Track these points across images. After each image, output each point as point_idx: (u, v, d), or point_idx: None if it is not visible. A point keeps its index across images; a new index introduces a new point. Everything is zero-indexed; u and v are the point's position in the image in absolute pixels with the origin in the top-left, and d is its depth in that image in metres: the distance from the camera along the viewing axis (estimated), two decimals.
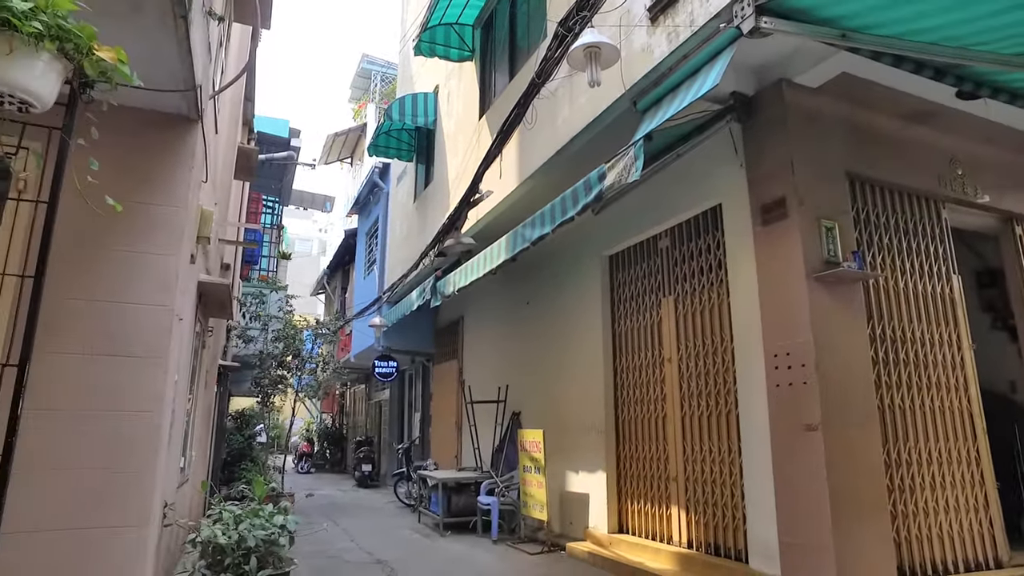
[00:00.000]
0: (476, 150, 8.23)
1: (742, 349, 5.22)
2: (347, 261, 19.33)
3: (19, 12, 1.80)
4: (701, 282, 5.93)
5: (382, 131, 11.75)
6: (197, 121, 3.52)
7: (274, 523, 4.49)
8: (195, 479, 7.03)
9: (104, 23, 2.24)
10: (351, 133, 20.58)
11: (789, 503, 4.51)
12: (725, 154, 5.35)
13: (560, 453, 7.66)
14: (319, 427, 25.20)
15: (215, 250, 6.66)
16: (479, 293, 10.10)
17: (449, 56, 9.59)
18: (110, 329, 3.09)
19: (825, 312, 4.53)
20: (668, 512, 6.07)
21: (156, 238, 3.27)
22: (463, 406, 10.43)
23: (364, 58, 21.86)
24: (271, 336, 12.37)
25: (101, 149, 2.50)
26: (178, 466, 5.19)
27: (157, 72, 2.96)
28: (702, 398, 5.77)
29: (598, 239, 7.39)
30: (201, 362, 6.66)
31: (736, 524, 5.24)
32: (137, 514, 3.02)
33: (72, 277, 3.04)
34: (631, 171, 4.41)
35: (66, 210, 2.47)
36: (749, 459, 5.06)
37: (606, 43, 4.29)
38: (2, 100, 1.95)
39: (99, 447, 2.98)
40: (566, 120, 6.20)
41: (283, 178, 15.55)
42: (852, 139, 5.13)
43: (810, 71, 4.83)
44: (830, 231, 4.72)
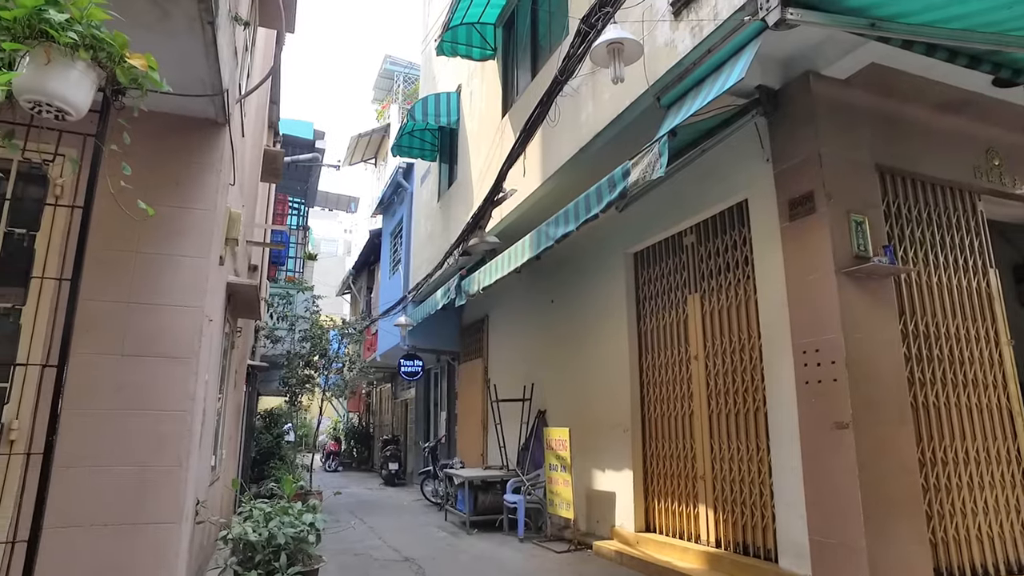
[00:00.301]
0: (499, 149, 8.23)
1: (770, 346, 5.15)
2: (372, 261, 19.49)
3: (56, 23, 1.84)
4: (728, 278, 5.86)
5: (405, 131, 11.81)
6: (224, 125, 3.58)
7: (303, 521, 4.55)
8: (226, 477, 7.15)
9: (134, 31, 2.29)
10: (375, 134, 20.73)
11: (820, 502, 4.44)
12: (751, 149, 5.28)
13: (586, 451, 7.64)
14: (346, 426, 25.47)
15: (243, 251, 6.76)
16: (504, 291, 10.11)
17: (471, 55, 9.61)
18: (143, 330, 3.15)
19: (855, 308, 4.44)
20: (696, 511, 6.02)
21: (186, 241, 3.34)
22: (489, 404, 10.45)
23: (387, 59, 22.00)
24: (298, 336, 12.53)
25: (132, 154, 2.55)
26: (209, 464, 5.28)
27: (185, 77, 3.02)
28: (729, 396, 5.70)
29: (623, 236, 7.34)
30: (230, 362, 6.77)
31: (765, 523, 5.17)
32: (171, 511, 3.08)
33: (106, 280, 3.11)
34: (656, 167, 4.37)
35: (100, 214, 2.54)
36: (778, 457, 4.99)
37: (629, 39, 4.26)
38: (40, 109, 2.00)
39: (134, 445, 3.05)
40: (589, 117, 6.17)
41: (308, 180, 15.76)
42: (882, 131, 5.02)
43: (838, 62, 4.74)
44: (860, 225, 4.62)
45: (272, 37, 7.74)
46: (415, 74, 20.36)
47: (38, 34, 1.86)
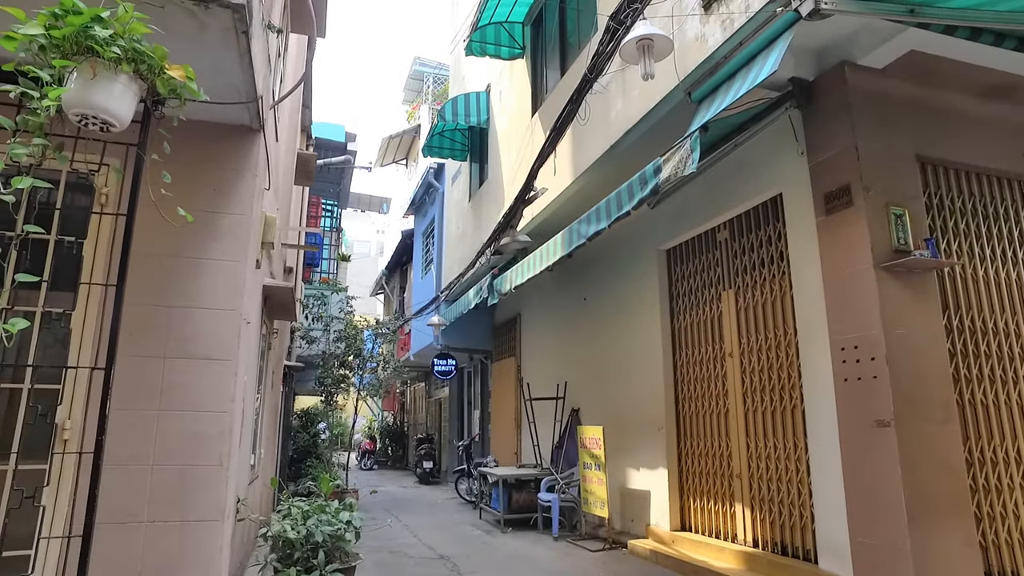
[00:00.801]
0: (529, 147, 8.24)
1: (807, 342, 5.05)
2: (405, 261, 19.68)
3: (101, 39, 1.91)
4: (762, 274, 5.77)
5: (436, 132, 11.89)
6: (259, 131, 3.65)
7: (340, 519, 4.63)
8: (264, 476, 7.31)
9: (172, 43, 2.35)
10: (405, 135, 20.92)
11: (861, 502, 4.34)
12: (784, 142, 5.19)
13: (620, 450, 7.61)
14: (381, 425, 25.76)
15: (278, 254, 6.90)
16: (536, 290, 10.11)
17: (500, 54, 9.62)
18: (183, 333, 3.24)
19: (895, 303, 4.33)
20: (732, 510, 5.94)
21: (224, 245, 3.42)
22: (522, 403, 10.48)
23: (416, 60, 22.19)
24: (333, 336, 12.71)
25: (172, 162, 2.63)
26: (248, 463, 5.41)
27: (221, 86, 3.09)
28: (765, 393, 5.62)
29: (655, 233, 7.29)
30: (267, 363, 6.92)
31: (804, 523, 5.08)
32: (214, 508, 3.17)
33: (149, 284, 3.21)
34: (687, 163, 4.32)
35: (142, 221, 2.62)
36: (816, 456, 4.90)
37: (659, 35, 4.21)
38: (87, 122, 2.07)
39: (177, 445, 3.14)
40: (619, 114, 6.13)
41: (341, 181, 15.98)
42: (923, 120, 4.88)
43: (875, 51, 4.62)
44: (899, 218, 4.50)
45: (303, 42, 7.87)
46: (444, 74, 20.49)
47: (84, 50, 1.94)
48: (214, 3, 2.41)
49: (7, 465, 2.70)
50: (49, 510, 2.70)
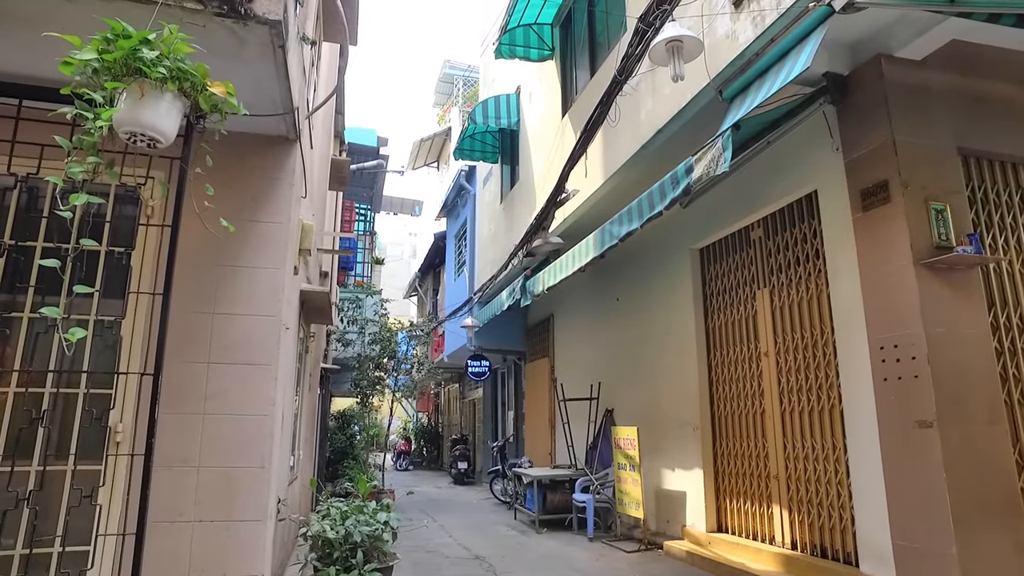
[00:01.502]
0: (560, 148, 8.25)
1: (844, 341, 4.97)
2: (437, 263, 19.84)
3: (148, 60, 2.01)
4: (798, 272, 5.69)
5: (467, 135, 11.98)
6: (295, 140, 3.75)
7: (377, 519, 4.70)
8: (303, 476, 7.47)
9: (212, 60, 2.44)
10: (436, 138, 21.09)
11: (904, 504, 4.25)
12: (819, 138, 5.11)
13: (655, 450, 7.57)
14: (416, 426, 26.01)
15: (314, 259, 7.04)
16: (568, 291, 10.11)
17: (529, 56, 9.65)
18: (227, 339, 3.35)
19: (937, 301, 4.23)
20: (769, 511, 5.87)
21: (263, 253, 3.52)
22: (556, 403, 10.49)
23: (446, 64, 22.35)
24: (368, 339, 12.90)
25: (212, 173, 2.73)
26: (288, 464, 5.54)
27: (259, 98, 3.18)
28: (802, 393, 5.53)
29: (687, 232, 7.23)
30: (305, 366, 7.07)
31: (844, 525, 4.99)
32: (257, 508, 3.27)
33: (193, 292, 3.32)
34: (719, 162, 4.30)
35: (186, 231, 2.72)
36: (856, 457, 4.81)
37: (689, 36, 4.19)
38: (135, 139, 2.18)
39: (221, 447, 3.25)
40: (650, 114, 6.11)
41: (373, 186, 16.18)
42: (964, 112, 4.75)
43: (913, 43, 4.51)
44: (941, 213, 4.39)
45: (336, 50, 8.02)
46: (474, 77, 20.60)
47: (133, 71, 2.04)
48: (252, 20, 2.49)
49: (67, 466, 2.84)
50: (105, 508, 2.83)
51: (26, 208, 3.12)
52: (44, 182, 2.37)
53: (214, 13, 2.47)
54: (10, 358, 3.02)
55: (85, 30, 2.15)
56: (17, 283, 3.00)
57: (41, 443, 2.83)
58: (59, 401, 2.94)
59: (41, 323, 2.11)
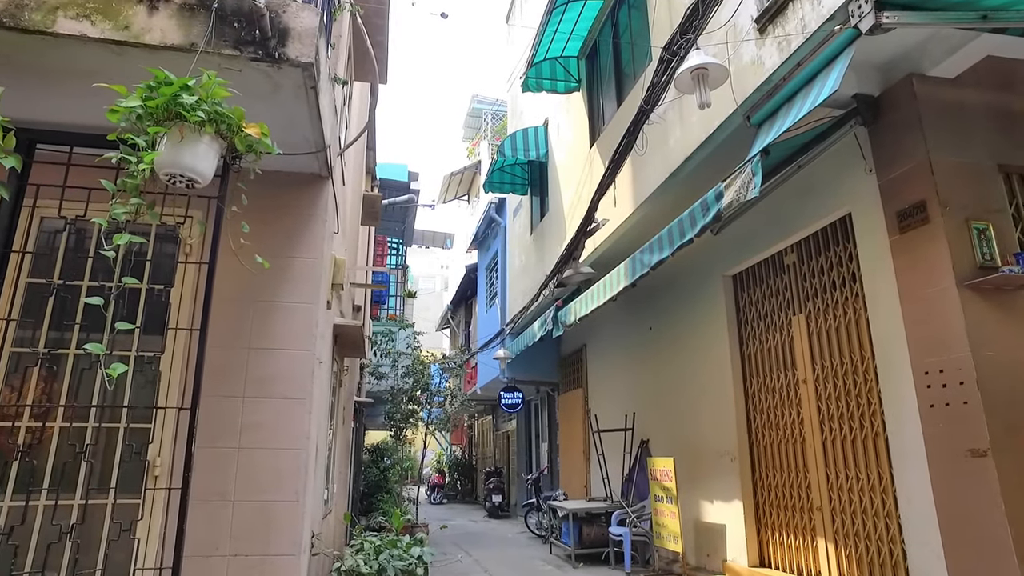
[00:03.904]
0: (589, 179, 8.29)
1: (886, 367, 4.81)
2: (469, 295, 19.96)
3: (188, 105, 2.10)
4: (834, 297, 5.56)
5: (496, 167, 12.13)
6: (327, 178, 3.85)
7: (411, 554, 4.68)
8: (337, 510, 7.46)
9: (248, 102, 2.54)
10: (466, 171, 21.42)
11: (960, 539, 4.04)
12: (851, 160, 5.03)
13: (692, 481, 7.38)
14: (449, 459, 25.88)
15: (347, 294, 7.14)
16: (600, 321, 10.04)
17: (556, 89, 9.79)
18: (261, 373, 3.41)
19: (984, 323, 4.08)
20: (814, 545, 5.64)
21: (297, 288, 3.59)
22: (590, 435, 10.34)
23: (474, 98, 22.80)
24: (401, 372, 12.96)
25: (247, 211, 2.81)
26: (322, 498, 5.55)
27: (292, 138, 3.29)
28: (843, 421, 5.35)
29: (719, 259, 7.15)
30: (338, 399, 7.12)
31: (895, 560, 4.77)
32: (292, 543, 3.27)
33: (229, 328, 3.40)
34: (750, 188, 4.26)
35: (222, 267, 2.80)
36: (904, 487, 4.61)
37: (714, 63, 4.21)
38: (174, 180, 2.26)
39: (257, 481, 3.28)
40: (678, 141, 6.11)
41: (405, 220, 16.45)
42: (1004, 128, 4.63)
43: (945, 61, 4.44)
44: (983, 233, 4.26)
45: (367, 88, 8.25)
46: (502, 110, 20.94)
47: (173, 116, 2.13)
48: (285, 63, 2.59)
49: (107, 499, 2.89)
50: (143, 542, 2.86)
51: (74, 249, 3.25)
52: (91, 223, 2.47)
53: (250, 58, 2.58)
54: (57, 393, 3.11)
55: (131, 79, 2.27)
56: (64, 321, 3.11)
57: (84, 477, 2.89)
58: (101, 436, 3.01)
59: (86, 359, 2.18)
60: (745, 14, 5.05)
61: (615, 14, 8.44)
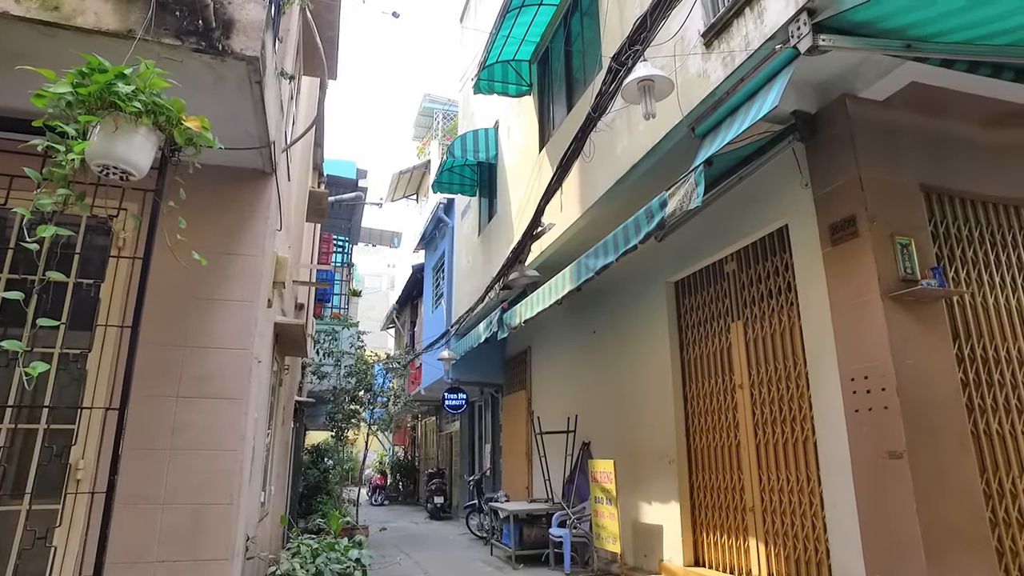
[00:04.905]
0: (537, 182, 8.35)
1: (816, 373, 5.03)
2: (415, 296, 19.79)
3: (123, 95, 2.02)
4: (771, 305, 5.77)
5: (445, 168, 12.08)
6: (271, 174, 3.76)
7: (349, 557, 4.61)
8: (274, 513, 7.28)
9: (189, 94, 2.45)
10: (415, 170, 21.24)
11: (877, 536, 4.27)
12: (789, 174, 5.24)
13: (632, 483, 7.52)
14: (392, 459, 25.59)
15: (289, 291, 6.98)
16: (546, 323, 10.13)
17: (507, 92, 9.82)
18: (197, 373, 3.30)
19: (904, 333, 4.32)
20: (746, 544, 5.84)
21: (236, 286, 3.49)
22: (533, 437, 10.41)
23: (426, 97, 22.64)
24: (344, 372, 12.75)
25: (186, 206, 2.71)
26: (259, 501, 5.40)
27: (235, 132, 3.20)
28: (776, 425, 5.57)
29: (663, 265, 7.31)
30: (278, 399, 6.95)
31: (820, 558, 4.99)
32: (224, 547, 3.18)
33: (163, 325, 3.27)
34: (692, 197, 4.38)
35: (158, 263, 2.69)
36: (830, 488, 4.83)
37: (660, 76, 4.31)
38: (107, 171, 2.17)
39: (189, 484, 3.17)
40: (625, 149, 6.23)
41: (352, 218, 16.19)
42: (926, 150, 4.92)
43: (876, 84, 4.67)
44: (906, 248, 4.51)
45: (315, 83, 8.08)
46: (454, 111, 20.87)
47: (108, 105, 2.04)
48: (230, 56, 2.52)
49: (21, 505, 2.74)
50: (60, 550, 2.72)
51: None
52: (12, 213, 2.34)
53: (192, 49, 2.49)
54: None
55: (64, 64, 2.16)
56: None
57: None
58: (17, 438, 2.85)
59: (3, 357, 2.05)
60: (693, 28, 5.19)
61: (568, 21, 8.54)
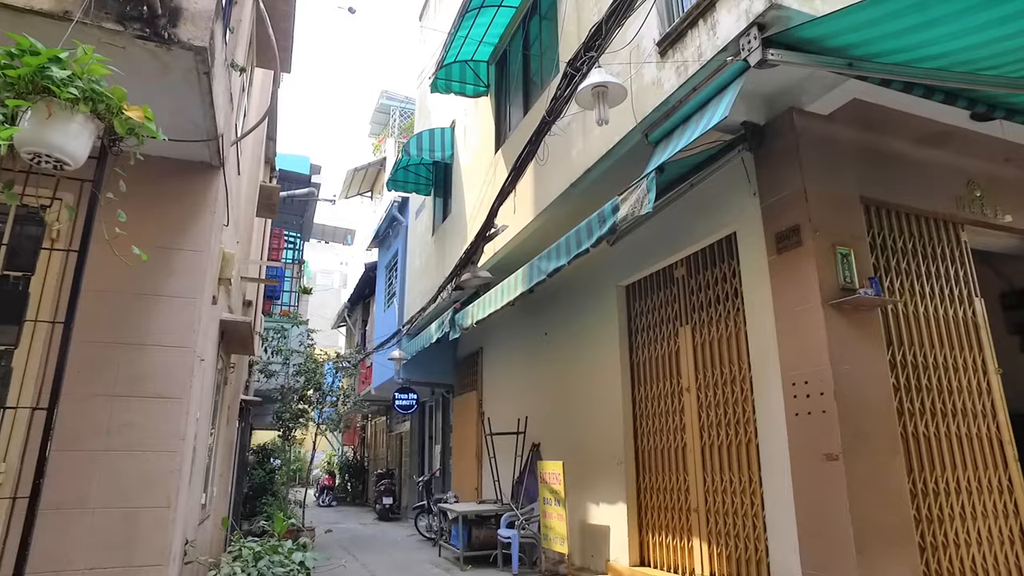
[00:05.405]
0: (492, 183, 8.35)
1: (760, 378, 5.18)
2: (367, 294, 19.53)
3: (58, 80, 1.92)
4: (718, 311, 5.91)
5: (400, 166, 11.96)
6: (219, 168, 3.65)
7: (293, 560, 4.52)
8: (216, 515, 7.07)
9: (131, 82, 2.36)
10: (371, 168, 20.96)
11: (813, 535, 4.42)
12: (738, 183, 5.38)
13: (580, 484, 7.59)
14: (340, 460, 25.20)
15: (237, 288, 6.80)
16: (498, 325, 10.14)
17: (465, 92, 9.79)
18: (135, 371, 3.17)
19: (843, 339, 4.49)
20: (690, 544, 5.97)
21: (179, 282, 3.38)
22: (483, 438, 10.40)
23: (383, 94, 22.36)
24: (292, 370, 12.50)
25: (127, 198, 2.61)
26: (199, 502, 5.24)
27: (181, 123, 3.09)
28: (721, 427, 5.71)
29: (614, 269, 7.41)
30: (223, 398, 6.76)
31: (759, 556, 5.14)
32: (159, 552, 3.07)
33: (100, 321, 3.14)
34: (644, 203, 4.45)
35: (94, 256, 2.58)
36: (770, 489, 4.98)
37: (613, 83, 4.37)
38: (39, 160, 2.06)
39: (123, 487, 3.04)
40: (580, 153, 6.29)
41: (304, 213, 15.89)
42: (866, 164, 5.13)
43: (821, 99, 4.86)
44: (846, 257, 4.69)
45: (269, 75, 7.90)
46: (411, 108, 20.67)
47: (40, 90, 1.94)
48: (176, 45, 2.43)
49: None
50: None
51: None
52: None
53: (135, 35, 2.40)
54: None
55: None
56: None
57: None
58: None
59: None
60: (648, 37, 5.28)
61: (527, 23, 8.57)
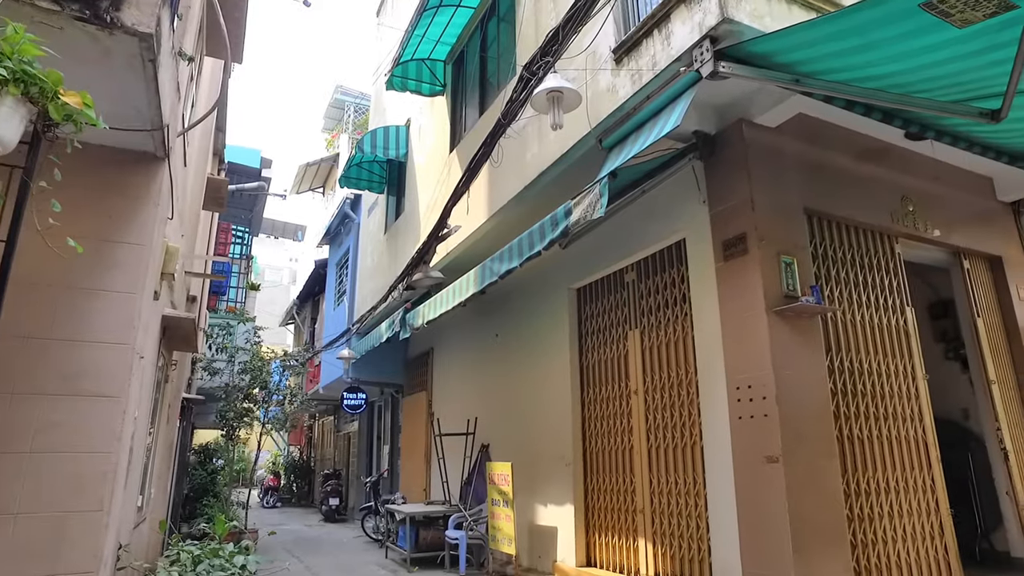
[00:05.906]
0: (446, 183, 8.31)
1: (706, 382, 5.30)
2: (317, 292, 19.16)
3: None
4: (666, 315, 6.03)
5: (354, 163, 11.79)
6: (164, 159, 3.52)
7: (234, 563, 4.40)
8: (154, 517, 6.82)
9: (71, 67, 2.26)
10: (323, 163, 20.57)
11: (753, 535, 4.56)
12: (689, 191, 5.50)
13: (529, 486, 7.63)
14: (286, 460, 24.65)
15: (181, 283, 6.58)
16: (449, 325, 10.09)
17: (421, 90, 9.72)
18: (68, 369, 3.04)
19: (785, 345, 4.64)
20: (635, 544, 6.07)
21: (118, 276, 3.25)
22: (432, 439, 10.33)
23: (338, 89, 21.99)
24: (238, 368, 12.17)
25: (63, 186, 2.49)
26: (135, 505, 5.04)
27: (124, 111, 2.97)
28: (667, 430, 5.82)
29: (566, 272, 7.47)
30: (163, 396, 6.52)
31: (702, 556, 5.26)
32: (90, 557, 2.94)
33: (31, 316, 2.99)
34: (596, 208, 4.51)
35: (25, 248, 2.45)
36: (713, 491, 5.11)
37: (568, 88, 4.42)
38: None
39: (52, 490, 2.91)
40: (534, 156, 6.32)
41: (254, 208, 15.50)
42: (810, 176, 5.32)
43: (769, 112, 5.02)
44: (789, 266, 4.86)
45: (220, 65, 7.67)
46: (366, 104, 20.41)
47: None
48: (119, 30, 2.34)
49: None
50: None
51: None
52: None
53: (73, 16, 2.30)
54: None
55: None
56: None
57: None
58: None
59: None
60: (604, 44, 5.35)
61: (485, 25, 8.57)
